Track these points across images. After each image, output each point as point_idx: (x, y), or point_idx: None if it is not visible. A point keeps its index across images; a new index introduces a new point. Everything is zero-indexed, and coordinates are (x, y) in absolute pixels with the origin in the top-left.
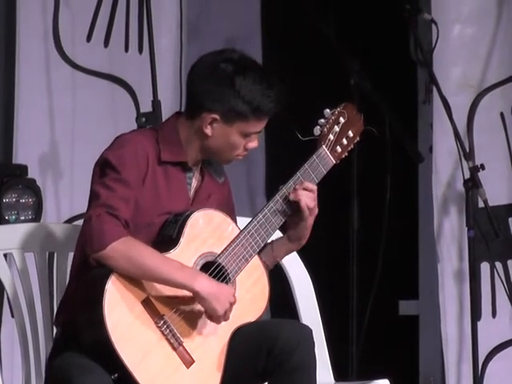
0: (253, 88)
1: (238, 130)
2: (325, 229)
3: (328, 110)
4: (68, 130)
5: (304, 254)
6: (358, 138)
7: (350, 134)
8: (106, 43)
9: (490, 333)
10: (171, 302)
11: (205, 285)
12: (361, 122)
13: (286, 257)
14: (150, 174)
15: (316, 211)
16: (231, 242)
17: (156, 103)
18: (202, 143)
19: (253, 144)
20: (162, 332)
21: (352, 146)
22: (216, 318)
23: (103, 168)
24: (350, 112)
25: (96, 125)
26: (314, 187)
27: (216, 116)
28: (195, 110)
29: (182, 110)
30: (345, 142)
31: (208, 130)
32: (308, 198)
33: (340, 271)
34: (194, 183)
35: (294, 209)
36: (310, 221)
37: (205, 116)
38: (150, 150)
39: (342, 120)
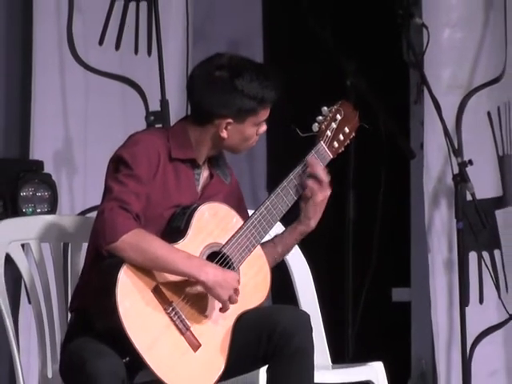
0: (252, 84)
1: (250, 124)
2: (322, 220)
3: (325, 108)
4: (81, 128)
5: (303, 244)
6: (353, 134)
7: (346, 130)
8: (117, 46)
9: (478, 318)
10: (179, 289)
11: (210, 274)
12: (356, 118)
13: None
14: (160, 170)
15: (325, 194)
16: (235, 233)
17: (164, 102)
18: (218, 144)
19: (263, 129)
20: (171, 318)
21: (348, 142)
22: (222, 302)
23: (117, 164)
24: (347, 109)
25: (107, 123)
26: (326, 177)
27: (229, 120)
28: (205, 118)
29: (188, 109)
30: (341, 137)
31: (224, 134)
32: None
33: (337, 260)
34: (202, 179)
35: (298, 194)
36: (320, 197)
37: (219, 122)
38: (162, 147)
39: (338, 117)
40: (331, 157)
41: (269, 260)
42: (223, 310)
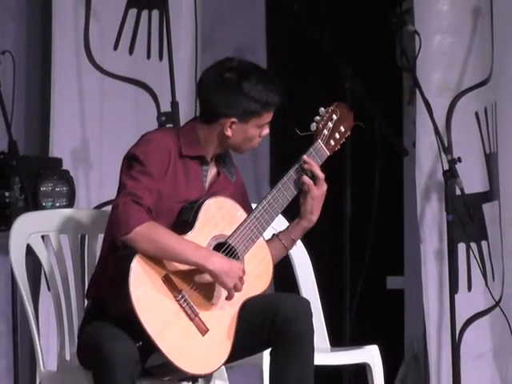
0: (258, 88)
1: (253, 125)
2: (322, 214)
3: (322, 109)
4: (97, 128)
5: (304, 237)
6: (349, 133)
7: (342, 129)
8: (131, 51)
9: (466, 304)
10: (188, 278)
11: (217, 263)
12: (351, 118)
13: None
14: (171, 167)
15: (322, 190)
16: (240, 225)
17: (174, 104)
18: (223, 142)
19: (266, 131)
20: (180, 305)
21: (344, 140)
22: (228, 290)
23: (130, 162)
24: (342, 110)
25: (121, 123)
26: (321, 175)
27: (234, 120)
28: (212, 117)
29: (197, 110)
30: (337, 136)
31: (228, 132)
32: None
33: (335, 251)
34: (210, 176)
35: (298, 189)
36: (317, 193)
37: (224, 122)
38: (172, 146)
39: (334, 117)
40: (328, 154)
41: (274, 254)
42: (229, 297)
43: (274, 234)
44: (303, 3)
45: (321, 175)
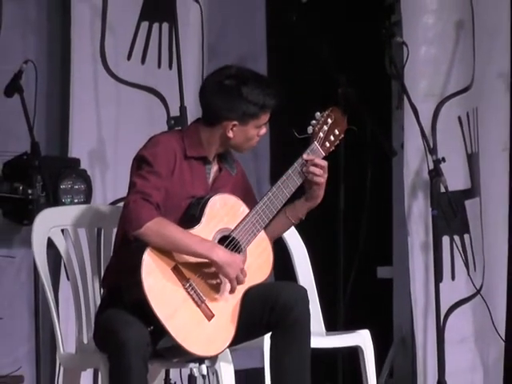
0: (256, 92)
1: (252, 126)
2: (318, 209)
3: (318, 113)
4: (112, 130)
5: (301, 229)
6: (342, 135)
7: (336, 132)
8: (143, 61)
9: (450, 292)
10: (195, 268)
11: (221, 255)
12: (345, 122)
13: (287, 231)
14: (177, 166)
15: (325, 176)
16: (242, 219)
17: (182, 109)
18: (225, 143)
19: (263, 131)
20: (188, 292)
21: (338, 142)
22: (230, 280)
23: (139, 163)
24: (336, 114)
25: (135, 126)
26: (324, 162)
27: (235, 122)
28: (214, 120)
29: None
30: (332, 138)
31: (230, 134)
32: (316, 169)
33: (330, 243)
34: (213, 173)
35: (302, 178)
36: (321, 182)
37: (226, 124)
38: (177, 147)
39: (329, 121)
40: (323, 155)
41: (279, 228)
42: (231, 289)
43: (281, 210)
44: (301, 16)
45: (324, 163)
